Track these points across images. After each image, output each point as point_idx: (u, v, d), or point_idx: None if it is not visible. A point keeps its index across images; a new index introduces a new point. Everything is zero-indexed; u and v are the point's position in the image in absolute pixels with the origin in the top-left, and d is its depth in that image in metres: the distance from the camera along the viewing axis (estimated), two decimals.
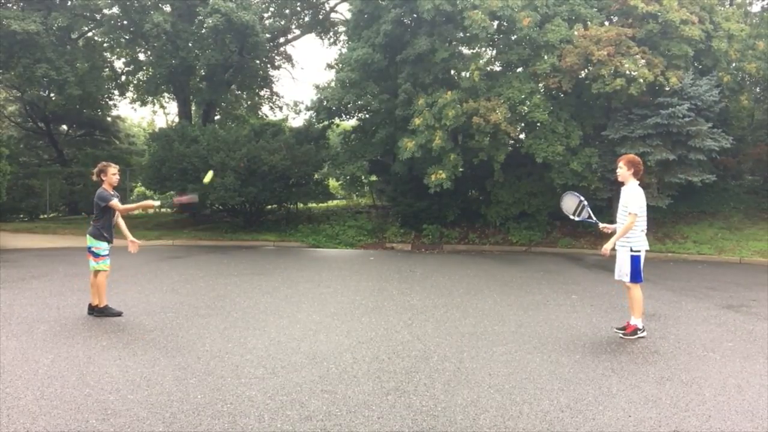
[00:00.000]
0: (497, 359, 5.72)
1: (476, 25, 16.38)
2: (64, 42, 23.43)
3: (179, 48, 21.85)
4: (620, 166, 6.87)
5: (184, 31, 21.84)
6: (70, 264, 12.77)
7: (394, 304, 8.56)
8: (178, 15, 22.49)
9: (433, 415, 4.29)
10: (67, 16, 22.00)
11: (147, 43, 23.68)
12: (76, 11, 22.52)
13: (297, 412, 4.29)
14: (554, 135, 16.85)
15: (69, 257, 14.18)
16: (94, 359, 5.51)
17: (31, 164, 29.92)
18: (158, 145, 21.40)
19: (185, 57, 21.89)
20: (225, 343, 6.14)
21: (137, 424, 4.04)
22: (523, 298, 9.24)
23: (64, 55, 22.17)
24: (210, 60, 21.51)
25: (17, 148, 29.24)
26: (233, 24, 20.11)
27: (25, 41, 20.14)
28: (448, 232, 19.46)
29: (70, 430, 3.92)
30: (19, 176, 24.60)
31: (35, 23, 19.96)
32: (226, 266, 12.92)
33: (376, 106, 19.78)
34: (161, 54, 22.52)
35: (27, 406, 4.32)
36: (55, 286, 9.70)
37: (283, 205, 22.11)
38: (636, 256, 6.66)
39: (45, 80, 22.22)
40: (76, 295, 8.84)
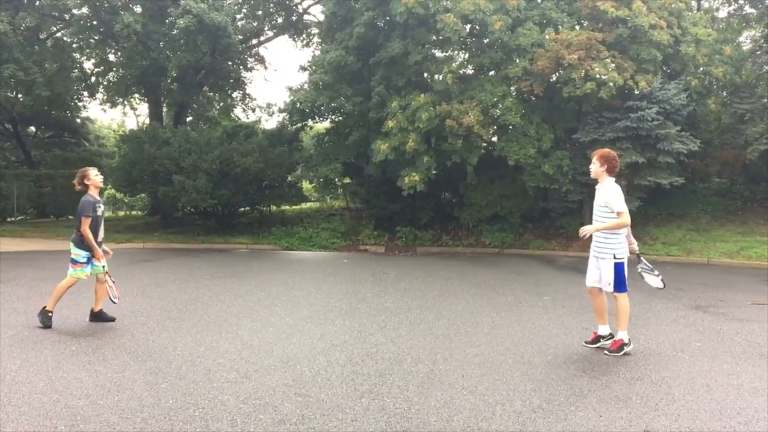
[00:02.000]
0: (470, 361, 5.74)
1: (449, 28, 16.46)
2: (32, 42, 23.05)
3: (150, 49, 21.62)
4: (594, 161, 6.34)
5: (155, 32, 21.62)
6: (39, 268, 12.55)
7: (368, 306, 8.55)
8: (149, 16, 22.24)
9: (407, 417, 4.29)
10: (35, 16, 21.65)
11: (117, 43, 23.38)
12: (44, 11, 22.17)
13: (270, 416, 4.26)
14: (526, 138, 16.99)
15: (37, 261, 13.94)
16: (62, 364, 5.42)
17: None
18: (129, 147, 21.15)
19: (156, 58, 21.66)
20: (197, 347, 6.08)
21: (107, 429, 3.98)
22: (496, 300, 9.29)
23: (32, 56, 21.80)
24: (181, 61, 21.30)
25: None
26: (205, 25, 19.94)
27: None
28: (421, 234, 19.52)
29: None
30: None
31: (2, 23, 19.61)
32: (198, 269, 12.80)
33: (350, 109, 19.79)
34: (132, 55, 22.26)
35: None
36: (23, 290, 9.53)
37: (256, 208, 21.99)
38: (620, 263, 6.13)
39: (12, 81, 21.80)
40: (44, 299, 8.67)
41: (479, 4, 16.36)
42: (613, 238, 6.16)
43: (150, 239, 19.60)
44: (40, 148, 32.40)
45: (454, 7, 16.71)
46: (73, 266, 7.10)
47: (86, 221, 6.98)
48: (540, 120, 17.49)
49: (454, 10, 16.62)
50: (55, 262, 13.68)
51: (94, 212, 7.08)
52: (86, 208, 7.01)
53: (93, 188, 7.22)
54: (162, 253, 16.63)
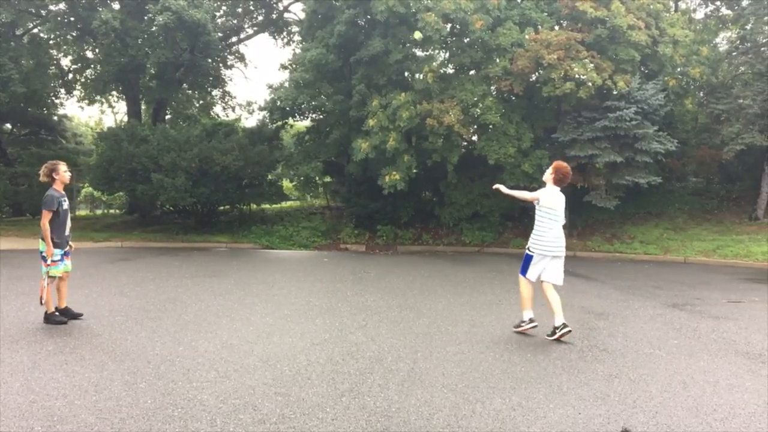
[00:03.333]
0: (450, 359, 5.77)
1: (430, 27, 16.49)
2: (8, 38, 22.70)
3: (128, 46, 21.39)
4: (548, 170, 7.16)
5: (134, 28, 21.40)
6: (14, 267, 12.37)
7: (349, 305, 8.55)
8: (127, 12, 22.02)
9: (387, 415, 4.30)
10: (11, 11, 21.32)
11: (95, 40, 23.13)
12: (20, 7, 21.84)
13: (250, 416, 4.25)
14: (506, 137, 17.08)
15: (12, 260, 13.74)
16: (39, 364, 5.35)
17: None
18: (106, 144, 20.90)
19: (135, 55, 21.44)
20: (176, 347, 6.04)
21: (85, 430, 3.95)
22: (476, 299, 9.33)
23: (8, 52, 21.48)
24: (160, 58, 21.11)
25: None
26: (184, 22, 19.77)
27: None
28: (402, 233, 19.55)
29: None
30: None
31: None
32: (177, 268, 12.70)
33: (330, 107, 19.75)
34: (110, 52, 22.00)
35: None
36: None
37: (236, 206, 21.87)
38: (529, 254, 6.93)
39: None
40: (20, 299, 8.57)
41: (460, 3, 16.41)
42: (537, 236, 6.91)
43: (128, 238, 19.41)
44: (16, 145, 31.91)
45: (434, 6, 16.75)
46: (46, 264, 7.01)
47: (47, 215, 6.92)
48: (520, 119, 17.60)
49: (435, 8, 16.66)
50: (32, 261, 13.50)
51: (59, 206, 7.02)
52: (50, 202, 6.95)
53: (59, 183, 7.16)
54: (140, 252, 16.48)
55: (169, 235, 19.73)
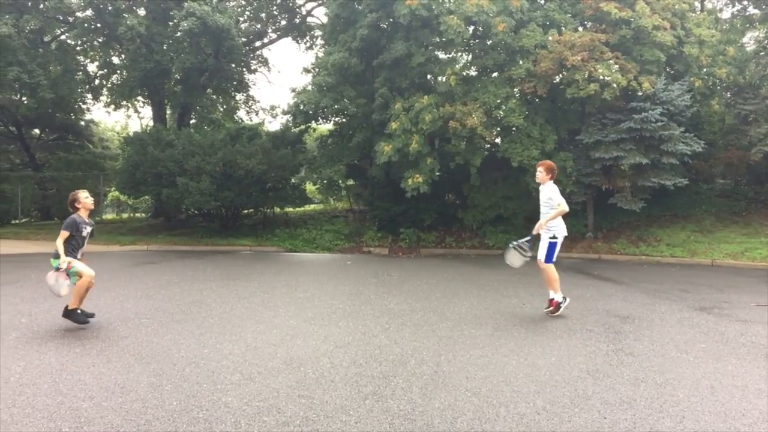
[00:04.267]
0: (474, 363, 5.74)
1: (452, 30, 16.47)
2: (36, 45, 23.13)
3: (154, 51, 21.67)
4: (540, 171, 8.16)
5: (159, 34, 21.68)
6: (43, 270, 12.53)
7: (372, 308, 8.55)
8: (152, 18, 22.31)
9: (411, 419, 4.29)
10: (40, 18, 21.73)
11: (121, 46, 23.45)
12: (48, 14, 22.24)
13: (274, 418, 4.26)
14: (530, 139, 16.98)
15: (41, 263, 13.95)
16: (67, 366, 5.43)
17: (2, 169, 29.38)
18: (132, 149, 21.18)
19: (160, 60, 21.71)
20: (201, 349, 6.09)
21: (111, 431, 3.99)
22: (500, 302, 9.28)
23: (36, 58, 21.88)
24: (185, 63, 21.34)
25: None
26: (209, 27, 19.98)
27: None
28: (425, 235, 19.51)
29: None
30: None
31: (6, 26, 19.68)
32: (201, 271, 12.80)
33: (353, 110, 19.80)
34: (135, 57, 22.31)
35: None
36: (27, 292, 9.54)
37: (260, 210, 22.01)
38: (554, 242, 8.04)
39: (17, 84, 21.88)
40: (49, 301, 8.70)
41: (482, 5, 16.37)
42: (557, 223, 8.04)
43: (154, 241, 19.63)
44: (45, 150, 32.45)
45: (457, 9, 16.72)
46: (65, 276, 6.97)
47: (64, 235, 7.06)
48: (543, 121, 17.49)
49: (458, 11, 16.64)
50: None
51: (77, 232, 7.16)
52: (70, 224, 7.11)
53: (83, 210, 7.33)
54: (166, 255, 16.65)
55: (194, 239, 19.91)
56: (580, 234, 18.27)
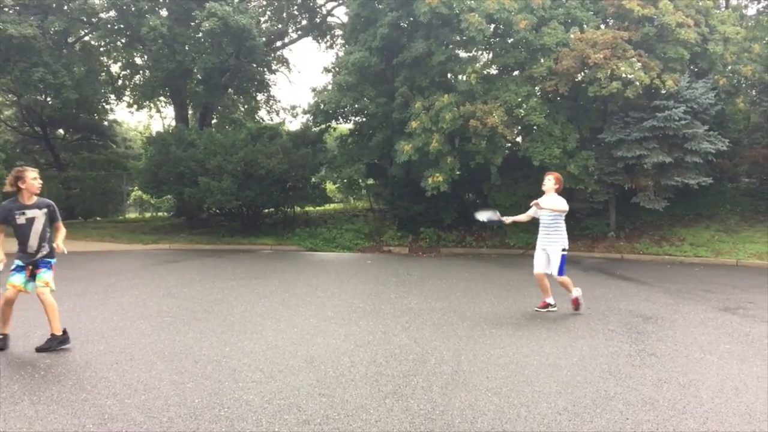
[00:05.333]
0: (495, 362, 5.72)
1: (473, 28, 16.41)
2: (60, 46, 23.40)
3: (176, 52, 21.84)
4: (549, 179, 8.42)
5: (181, 34, 21.84)
6: (66, 269, 12.71)
7: (392, 307, 8.55)
8: (174, 19, 22.48)
9: (431, 418, 4.29)
10: (64, 20, 21.98)
11: (144, 46, 23.65)
12: (72, 15, 22.49)
13: (294, 416, 4.28)
14: (551, 138, 16.87)
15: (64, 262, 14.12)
16: (91, 363, 5.49)
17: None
18: (155, 149, 21.37)
19: (182, 61, 21.87)
20: (222, 347, 6.13)
21: (134, 428, 4.03)
22: (521, 302, 9.24)
23: (60, 59, 22.14)
24: (207, 64, 21.49)
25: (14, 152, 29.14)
26: (230, 28, 20.10)
27: (22, 45, 20.12)
28: (445, 235, 19.46)
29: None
30: None
31: (32, 27, 19.95)
32: (223, 270, 12.90)
33: (373, 110, 19.80)
34: (158, 58, 22.50)
35: (24, 410, 4.31)
36: None
37: (280, 209, 22.09)
38: (565, 255, 8.25)
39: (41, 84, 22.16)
40: (72, 299, 8.83)
41: (504, 3, 16.29)
42: (562, 232, 8.22)
43: (176, 240, 19.80)
44: (69, 150, 32.90)
45: (478, 7, 16.66)
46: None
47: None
48: (565, 120, 17.36)
49: (479, 9, 16.57)
50: (84, 263, 13.89)
51: (8, 222, 6.07)
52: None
53: (26, 193, 6.14)
54: (188, 253, 16.79)
55: (216, 238, 20.05)
56: (603, 234, 18.12)
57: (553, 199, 8.28)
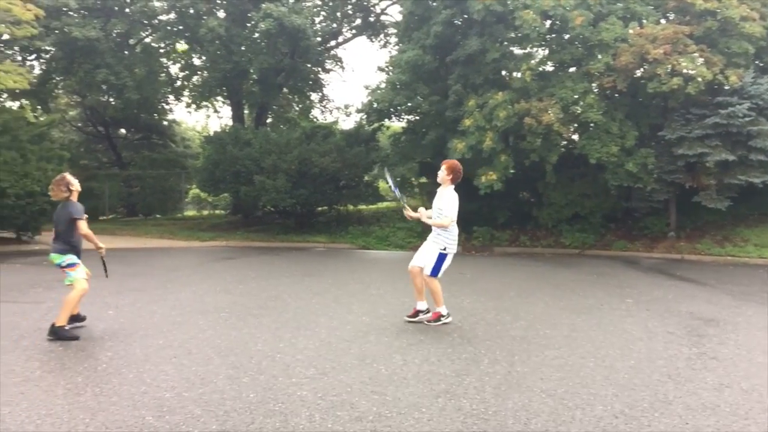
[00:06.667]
0: (549, 363, 5.64)
1: (528, 24, 16.20)
2: (122, 48, 24.12)
3: (233, 52, 22.24)
4: (442, 169, 7.50)
5: (238, 35, 22.22)
6: (128, 264, 13.11)
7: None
8: (231, 20, 22.88)
9: (484, 418, 4.26)
10: (126, 22, 22.64)
11: (202, 47, 24.17)
12: (133, 17, 23.15)
13: (347, 413, 4.31)
14: (608, 135, 16.52)
15: (127, 258, 14.57)
16: (150, 357, 5.65)
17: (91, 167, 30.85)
18: (212, 148, 21.81)
19: (238, 61, 22.26)
20: (276, 344, 6.22)
21: (192, 421, 4.12)
22: (576, 302, 9.09)
23: (122, 61, 22.82)
24: (262, 64, 21.82)
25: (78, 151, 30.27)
26: (285, 28, 20.36)
27: (86, 47, 20.83)
28: (498, 234, 19.27)
29: (127, 426, 4.03)
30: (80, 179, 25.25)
31: (95, 30, 20.62)
32: (277, 267, 13.08)
33: (427, 108, 19.75)
34: (215, 58, 22.96)
35: (86, 402, 4.46)
36: (113, 285, 9.96)
37: (334, 207, 22.26)
38: (444, 254, 7.29)
39: (104, 85, 22.93)
40: (134, 294, 9.08)
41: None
42: (447, 234, 7.30)
43: (232, 237, 20.18)
44: (130, 149, 33.88)
45: (533, 3, 16.42)
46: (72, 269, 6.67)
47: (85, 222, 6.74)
48: (623, 117, 16.97)
49: (533, 6, 16.34)
50: (145, 259, 14.29)
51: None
52: (82, 210, 6.78)
53: (75, 194, 6.89)
54: (244, 251, 17.08)
55: (270, 235, 20.35)
56: (662, 234, 17.66)
57: (442, 197, 7.37)
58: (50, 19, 19.24)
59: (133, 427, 4.00)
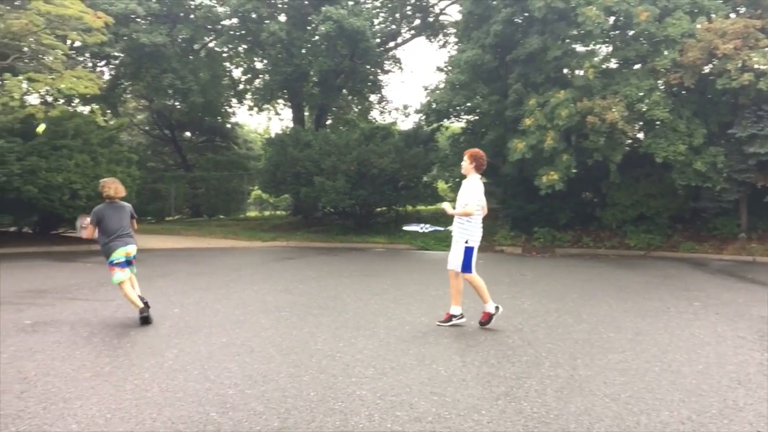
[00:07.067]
0: (613, 367, 5.51)
1: (590, 21, 15.89)
2: (187, 53, 24.78)
3: (293, 55, 22.56)
4: (464, 159, 7.24)
5: (298, 38, 22.53)
6: (193, 263, 13.45)
7: (504, 308, 8.39)
8: (292, 23, 23.22)
9: (545, 422, 4.19)
10: (190, 27, 23.25)
11: (263, 51, 24.60)
12: (198, 23, 23.76)
13: (406, 413, 4.31)
14: (675, 133, 16.04)
15: (192, 257, 14.97)
16: (214, 354, 5.77)
17: (157, 169, 31.86)
18: (273, 150, 22.19)
19: (299, 64, 22.56)
20: (336, 343, 6.27)
21: (254, 418, 4.19)
22: (641, 305, 8.85)
23: (187, 65, 23.46)
24: (322, 66, 22.06)
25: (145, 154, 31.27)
26: (345, 30, 20.53)
27: (153, 53, 21.50)
28: (560, 235, 18.95)
29: (192, 421, 4.12)
30: (147, 181, 26.21)
31: (162, 36, 21.25)
32: (337, 267, 13.19)
33: (486, 108, 19.60)
34: (276, 62, 23.33)
35: (153, 397, 4.58)
36: (179, 284, 10.25)
37: (392, 208, 22.31)
38: (470, 248, 7.15)
39: (170, 90, 23.60)
40: (199, 293, 9.31)
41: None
42: (468, 225, 7.11)
43: (293, 238, 20.47)
44: (195, 152, 34.77)
45: (595, 0, 16.11)
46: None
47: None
48: (690, 114, 16.46)
49: (596, 2, 16.02)
50: (208, 259, 14.64)
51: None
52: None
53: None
54: (304, 251, 17.30)
55: (330, 236, 20.54)
56: (732, 235, 17.03)
57: (464, 186, 7.16)
58: (119, 26, 19.91)
59: (198, 423, 4.09)
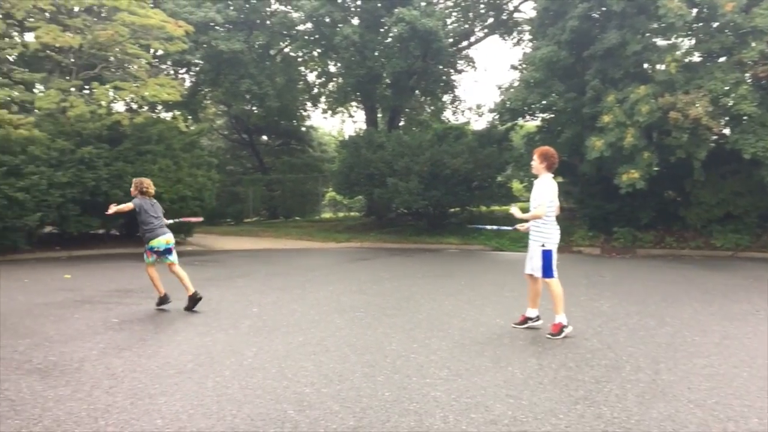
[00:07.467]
0: (698, 372, 5.29)
1: (672, 13, 15.32)
2: (263, 58, 25.35)
3: (366, 58, 22.72)
4: (534, 158, 6.96)
5: (371, 41, 22.68)
6: (271, 264, 13.74)
7: (582, 310, 8.23)
8: (365, 26, 23.39)
9: (626, 427, 4.06)
10: (267, 34, 23.80)
11: (337, 54, 24.89)
12: (274, 29, 24.29)
13: (482, 415, 4.27)
14: (765, 129, 15.26)
15: (269, 258, 15.29)
16: (291, 353, 5.87)
17: (236, 173, 32.76)
18: (347, 152, 22.42)
19: (372, 66, 22.71)
20: (410, 344, 6.27)
21: (330, 416, 4.24)
22: (729, 308, 8.47)
23: (264, 71, 24.00)
24: (395, 67, 22.13)
25: (224, 158, 32.23)
26: (417, 31, 20.53)
27: (231, 59, 22.10)
28: (641, 235, 18.34)
29: (270, 419, 4.21)
30: (226, 184, 27.00)
31: (239, 42, 21.83)
32: (410, 268, 13.20)
33: (562, 105, 19.19)
34: (350, 65, 23.57)
35: (233, 394, 4.70)
36: (257, 284, 10.49)
37: (466, 208, 22.14)
38: (548, 251, 6.77)
39: (248, 95, 24.22)
40: (276, 293, 9.50)
41: None
42: (543, 227, 6.79)
43: (366, 239, 20.62)
44: (271, 155, 35.54)
45: None
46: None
47: None
48: None
49: None
50: (284, 260, 14.92)
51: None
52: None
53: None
54: (377, 251, 17.40)
55: (403, 237, 20.58)
56: None
57: (536, 187, 6.92)
58: (199, 34, 20.57)
59: (276, 420, 4.17)
